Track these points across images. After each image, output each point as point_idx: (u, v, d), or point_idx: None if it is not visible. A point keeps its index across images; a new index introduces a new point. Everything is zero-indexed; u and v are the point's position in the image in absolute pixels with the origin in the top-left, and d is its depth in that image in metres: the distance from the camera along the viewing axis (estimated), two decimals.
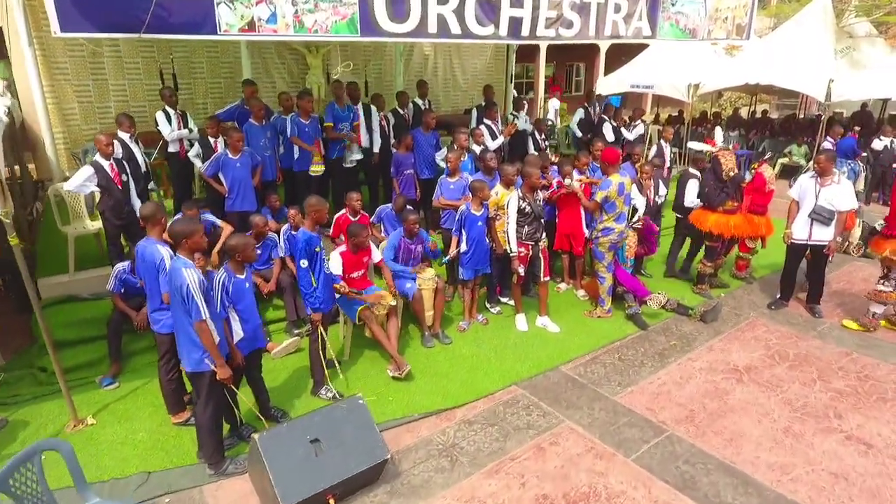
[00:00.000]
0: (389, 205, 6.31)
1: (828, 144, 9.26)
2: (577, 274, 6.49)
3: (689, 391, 4.59)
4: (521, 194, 5.28)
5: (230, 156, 5.55)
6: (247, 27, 4.69)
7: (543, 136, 8.43)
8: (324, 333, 4.35)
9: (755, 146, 13.72)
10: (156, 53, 8.96)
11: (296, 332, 5.31)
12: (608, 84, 15.02)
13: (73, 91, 8.61)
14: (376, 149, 7.06)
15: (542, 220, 5.51)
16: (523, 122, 8.43)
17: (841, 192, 5.41)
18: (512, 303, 5.86)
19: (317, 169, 6.38)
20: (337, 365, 4.90)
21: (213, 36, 4.63)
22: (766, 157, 8.09)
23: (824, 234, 5.53)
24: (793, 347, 5.28)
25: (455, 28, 5.58)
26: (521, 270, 5.39)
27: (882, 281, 5.46)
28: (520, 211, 5.27)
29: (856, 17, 13.26)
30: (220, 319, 3.46)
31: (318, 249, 4.22)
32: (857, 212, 6.72)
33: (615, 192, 5.47)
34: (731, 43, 14.02)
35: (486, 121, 7.81)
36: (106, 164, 4.98)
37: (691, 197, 6.43)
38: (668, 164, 8.71)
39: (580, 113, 9.60)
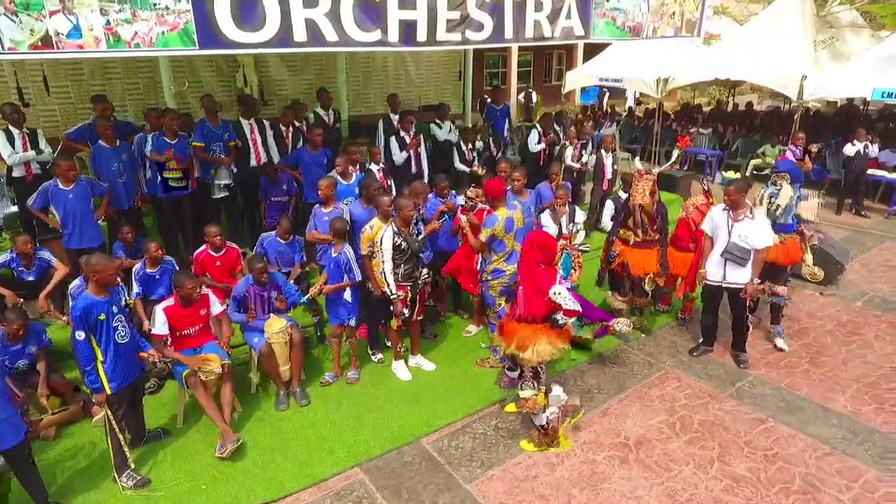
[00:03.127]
0: (273, 233, 5.62)
1: (790, 154, 8.42)
2: (474, 310, 5.80)
3: (559, 476, 3.90)
4: (395, 228, 4.57)
5: (61, 186, 4.84)
6: (41, 43, 3.94)
7: (470, 147, 7.64)
8: (113, 416, 3.67)
9: (729, 144, 12.84)
10: None
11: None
12: (577, 78, 14.17)
13: None
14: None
15: (420, 257, 4.82)
16: (446, 132, 7.63)
17: (756, 228, 4.67)
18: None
19: (171, 174, 5.63)
20: (162, 437, 4.27)
21: None
22: (704, 178, 7.13)
23: (740, 276, 4.79)
24: (701, 412, 4.56)
25: (331, 35, 4.80)
26: (406, 313, 4.71)
27: (521, 383, 4.09)
28: (395, 247, 4.56)
29: (839, 5, 12.27)
30: None
31: (101, 318, 3.53)
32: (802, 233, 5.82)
33: (502, 228, 4.73)
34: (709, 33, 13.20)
35: (402, 133, 7.06)
36: None
37: (605, 218, 5.75)
38: (608, 176, 7.93)
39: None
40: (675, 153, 7.23)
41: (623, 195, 5.92)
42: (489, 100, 10.81)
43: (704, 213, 5.30)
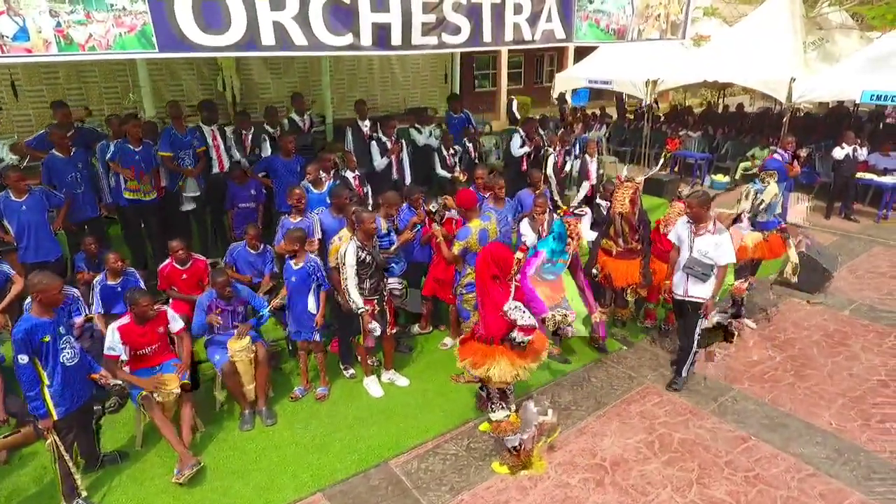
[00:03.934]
0: (243, 242, 5.43)
1: (778, 157, 8.28)
2: (451, 322, 5.62)
3: (531, 500, 3.73)
4: (359, 242, 4.39)
5: (13, 197, 4.65)
6: None
7: (452, 152, 7.46)
8: (61, 442, 3.49)
9: (719, 146, 12.71)
10: None
11: None
12: (566, 80, 14.02)
13: None
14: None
15: (384, 270, 4.65)
16: (426, 137, 7.46)
17: (717, 244, 4.39)
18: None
19: (131, 196, 5.45)
20: (119, 460, 4.08)
21: None
22: (686, 189, 6.88)
23: (701, 291, 4.54)
24: (681, 429, 4.40)
25: (300, 39, 4.61)
26: (377, 330, 4.51)
27: (490, 405, 3.99)
28: (360, 262, 4.38)
29: (829, 7, 12.16)
30: None
31: (45, 339, 3.35)
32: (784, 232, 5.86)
33: (475, 241, 4.57)
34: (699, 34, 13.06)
35: (382, 138, 6.87)
36: None
37: (584, 226, 5.59)
38: (593, 181, 7.78)
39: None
40: (664, 156, 7.07)
41: (603, 203, 5.75)
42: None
43: None
